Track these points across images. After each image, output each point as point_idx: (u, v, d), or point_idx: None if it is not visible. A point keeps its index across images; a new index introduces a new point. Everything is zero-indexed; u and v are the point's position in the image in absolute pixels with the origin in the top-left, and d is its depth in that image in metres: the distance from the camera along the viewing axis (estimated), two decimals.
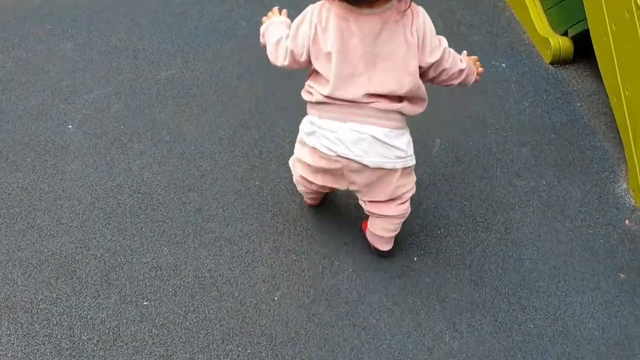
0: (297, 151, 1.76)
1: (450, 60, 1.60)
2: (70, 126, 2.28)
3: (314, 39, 1.54)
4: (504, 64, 2.62)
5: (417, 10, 1.55)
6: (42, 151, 2.18)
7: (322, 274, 1.84)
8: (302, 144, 1.71)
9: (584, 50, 2.54)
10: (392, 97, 1.56)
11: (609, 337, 1.74)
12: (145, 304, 1.76)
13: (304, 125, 1.69)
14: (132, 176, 2.11)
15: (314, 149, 1.65)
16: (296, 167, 1.80)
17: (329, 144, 1.60)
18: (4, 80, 2.45)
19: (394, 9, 1.51)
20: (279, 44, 1.62)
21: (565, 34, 2.62)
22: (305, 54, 1.57)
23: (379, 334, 1.71)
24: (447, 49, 1.60)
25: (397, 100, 1.57)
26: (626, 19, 2.04)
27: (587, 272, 1.86)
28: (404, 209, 1.73)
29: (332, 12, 1.52)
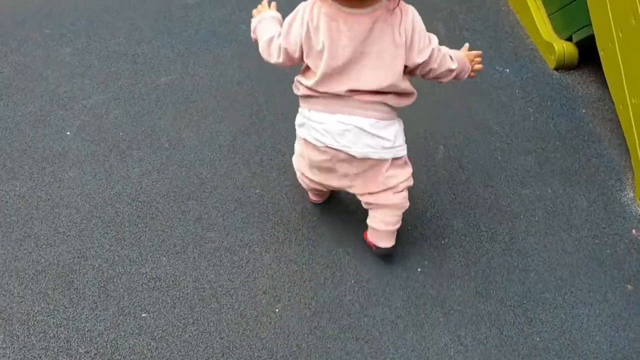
0: (295, 146, 1.81)
1: (439, 60, 1.60)
2: (68, 133, 2.25)
3: (306, 36, 1.56)
4: (508, 69, 2.59)
5: (407, 8, 1.55)
6: (39, 158, 2.16)
7: (324, 285, 1.80)
8: (297, 137, 1.75)
9: (588, 55, 2.51)
10: (376, 91, 1.58)
11: (617, 351, 1.70)
12: (143, 315, 1.73)
13: (298, 118, 1.72)
14: (131, 184, 2.08)
15: (305, 140, 1.68)
16: (296, 163, 1.84)
17: (317, 135, 1.63)
18: (2, 85, 2.43)
19: (384, 8, 1.52)
20: (272, 42, 1.64)
21: (569, 39, 2.59)
22: (298, 50, 1.59)
23: (382, 347, 1.67)
24: (437, 48, 1.60)
25: (381, 93, 1.59)
26: (632, 25, 2.01)
27: (594, 283, 1.83)
28: (400, 198, 1.72)
29: (322, 11, 1.54)
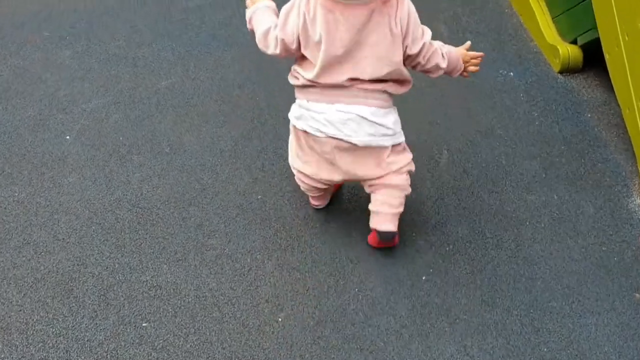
0: (290, 142, 1.79)
1: (428, 55, 1.62)
2: (68, 137, 2.22)
3: (302, 28, 1.56)
4: (512, 73, 2.56)
5: None
6: (39, 163, 2.13)
7: (328, 294, 1.78)
8: (294, 132, 1.74)
9: (593, 58, 2.48)
10: (377, 80, 1.60)
11: None
12: (144, 325, 1.70)
13: (293, 110, 1.71)
14: (131, 190, 2.05)
15: (304, 132, 1.67)
16: (293, 162, 1.81)
17: (318, 126, 1.63)
18: (1, 89, 2.40)
19: None
20: (268, 34, 1.63)
21: (574, 42, 2.56)
22: (295, 42, 1.59)
23: (387, 358, 1.64)
24: (428, 42, 1.61)
25: (382, 81, 1.60)
26: (639, 28, 1.98)
27: (601, 292, 1.80)
28: (402, 180, 1.73)
29: (318, 3, 1.54)
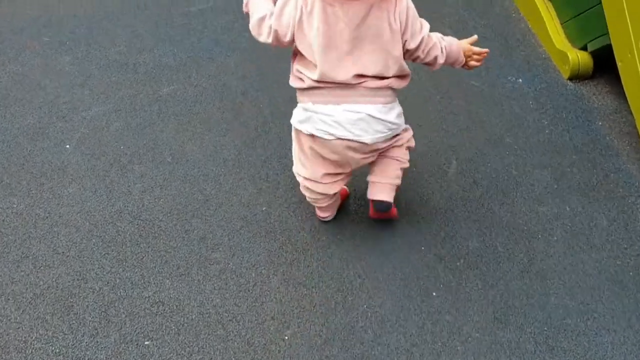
0: (294, 149, 1.75)
1: (427, 49, 1.62)
2: (67, 146, 2.17)
3: (299, 21, 1.54)
4: (521, 79, 2.51)
5: None
6: (38, 173, 2.08)
7: (335, 310, 1.73)
8: (296, 137, 1.71)
9: (603, 64, 2.43)
10: (381, 76, 1.59)
11: None
12: (146, 343, 1.65)
13: (297, 114, 1.67)
14: (133, 201, 2.00)
15: (311, 136, 1.64)
16: (298, 169, 1.78)
17: (326, 128, 1.60)
18: None
19: None
20: (263, 21, 1.60)
21: (584, 48, 2.51)
22: (289, 34, 1.57)
23: None
24: (427, 36, 1.61)
25: (386, 77, 1.60)
26: None
27: (617, 308, 1.74)
28: (402, 153, 1.76)
29: None
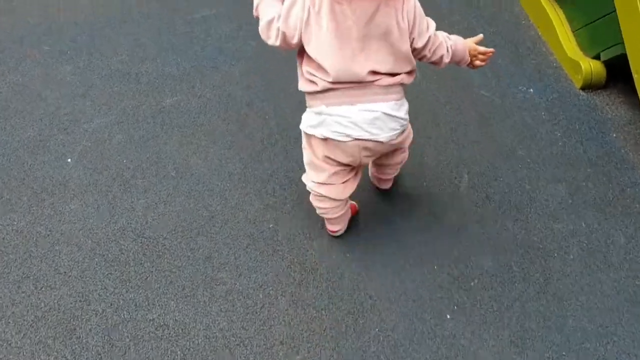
0: (305, 155, 1.72)
1: (434, 48, 1.62)
2: (69, 160, 2.12)
3: (306, 22, 1.52)
4: (532, 89, 2.45)
5: None
6: (39, 189, 2.03)
7: (346, 334, 1.67)
8: (308, 142, 1.68)
9: (616, 73, 2.37)
10: (392, 73, 1.58)
11: None
12: None
13: (307, 119, 1.64)
14: (136, 217, 1.95)
15: (325, 140, 1.61)
16: (310, 176, 1.74)
17: (342, 129, 1.58)
18: None
19: None
20: (271, 24, 1.58)
21: (596, 57, 2.45)
22: (297, 36, 1.54)
23: None
24: (433, 36, 1.61)
25: (397, 74, 1.59)
26: None
27: (637, 332, 1.69)
28: (405, 156, 1.87)
29: None
